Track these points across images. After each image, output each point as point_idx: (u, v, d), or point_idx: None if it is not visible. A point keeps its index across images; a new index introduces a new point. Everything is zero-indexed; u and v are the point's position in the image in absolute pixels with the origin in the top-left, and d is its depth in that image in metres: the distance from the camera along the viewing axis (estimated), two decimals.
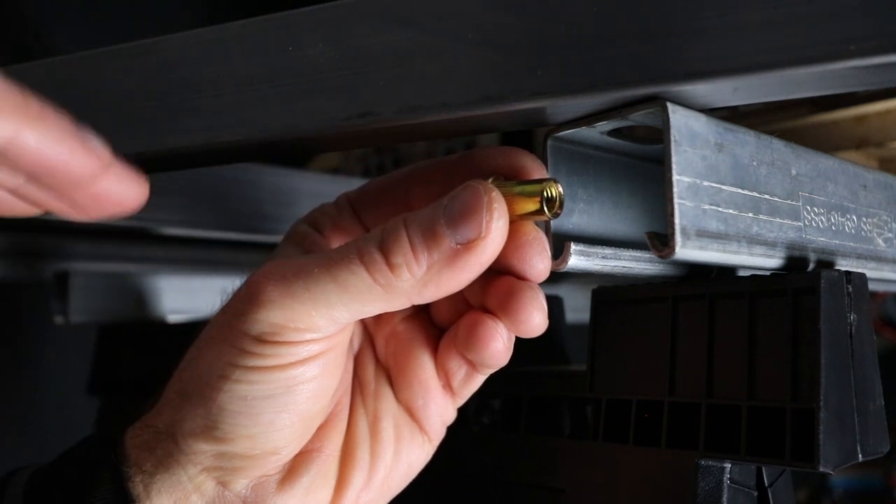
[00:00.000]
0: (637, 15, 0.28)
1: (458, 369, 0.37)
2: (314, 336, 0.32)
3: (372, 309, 0.33)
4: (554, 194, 0.32)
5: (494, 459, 0.44)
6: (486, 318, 0.35)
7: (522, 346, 0.36)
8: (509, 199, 0.32)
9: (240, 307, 0.33)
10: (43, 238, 0.71)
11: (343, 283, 0.32)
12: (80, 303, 0.72)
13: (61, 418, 0.91)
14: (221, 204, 0.63)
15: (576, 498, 0.40)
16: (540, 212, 0.32)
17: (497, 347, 0.35)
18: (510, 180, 0.34)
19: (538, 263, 0.34)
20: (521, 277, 0.34)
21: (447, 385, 0.37)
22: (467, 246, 0.31)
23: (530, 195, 0.32)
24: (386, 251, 0.32)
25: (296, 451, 0.35)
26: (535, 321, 0.34)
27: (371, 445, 0.37)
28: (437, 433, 0.38)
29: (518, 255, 0.33)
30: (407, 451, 0.38)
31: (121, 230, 0.67)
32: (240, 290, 0.34)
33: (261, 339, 0.32)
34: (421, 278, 0.32)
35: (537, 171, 0.34)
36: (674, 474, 0.36)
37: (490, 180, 0.33)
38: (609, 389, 0.40)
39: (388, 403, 0.38)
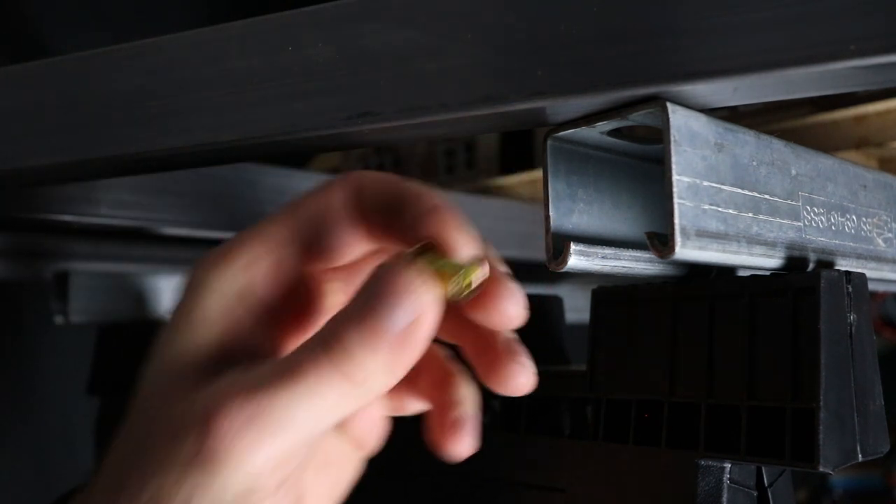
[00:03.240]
0: (637, 15, 0.28)
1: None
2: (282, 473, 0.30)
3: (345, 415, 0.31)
4: (463, 283, 0.30)
5: (494, 459, 0.44)
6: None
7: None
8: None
9: (193, 458, 0.29)
10: (43, 238, 0.71)
11: (312, 430, 0.30)
12: (80, 303, 0.72)
13: (61, 418, 0.91)
14: (221, 204, 0.63)
15: (576, 498, 0.40)
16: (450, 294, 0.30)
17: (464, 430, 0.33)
18: (433, 251, 0.31)
19: (509, 309, 0.32)
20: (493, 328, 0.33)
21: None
22: (409, 329, 0.29)
23: (447, 276, 0.30)
24: (347, 373, 0.29)
25: None
26: (521, 381, 0.33)
27: None
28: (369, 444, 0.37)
29: (484, 311, 0.31)
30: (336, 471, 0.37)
31: (121, 230, 0.67)
32: (185, 419, 0.29)
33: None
34: (386, 372, 0.30)
35: (465, 246, 0.31)
36: (674, 474, 0.36)
37: (415, 248, 0.30)
38: (609, 389, 0.40)
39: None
